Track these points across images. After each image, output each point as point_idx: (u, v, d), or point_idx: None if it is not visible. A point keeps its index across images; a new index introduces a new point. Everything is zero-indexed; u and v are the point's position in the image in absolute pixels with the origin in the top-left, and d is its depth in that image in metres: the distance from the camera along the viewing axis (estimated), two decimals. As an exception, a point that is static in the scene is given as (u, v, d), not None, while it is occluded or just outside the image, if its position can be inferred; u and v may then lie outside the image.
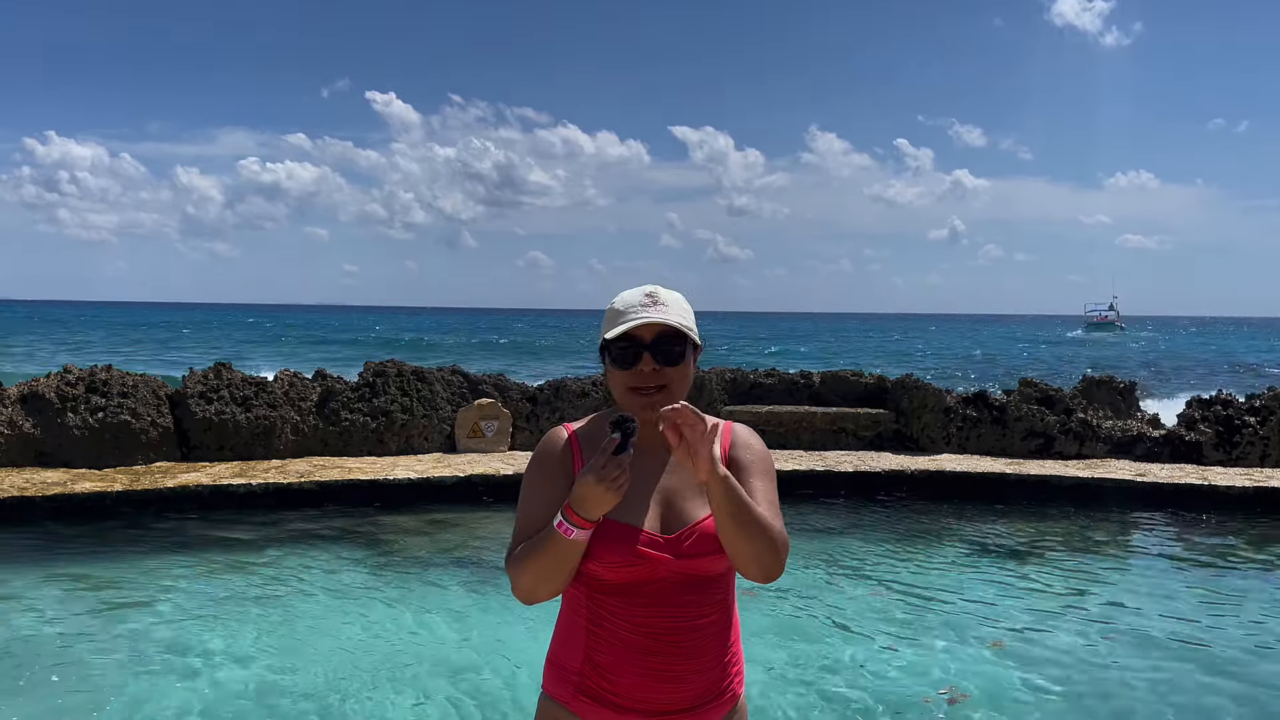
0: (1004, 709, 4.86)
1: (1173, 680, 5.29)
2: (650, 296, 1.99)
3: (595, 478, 1.83)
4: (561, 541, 1.89)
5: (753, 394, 12.73)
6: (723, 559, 2.01)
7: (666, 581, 1.98)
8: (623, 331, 1.96)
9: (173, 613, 6.17)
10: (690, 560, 1.98)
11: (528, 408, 11.76)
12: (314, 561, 7.38)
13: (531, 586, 1.97)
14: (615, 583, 1.98)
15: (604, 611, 2.00)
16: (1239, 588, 7.09)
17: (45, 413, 9.77)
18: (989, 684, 5.17)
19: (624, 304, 2.00)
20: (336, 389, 11.07)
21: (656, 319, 1.96)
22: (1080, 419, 11.44)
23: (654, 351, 1.97)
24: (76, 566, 7.11)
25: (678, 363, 1.99)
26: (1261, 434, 10.98)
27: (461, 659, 5.48)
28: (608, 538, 1.95)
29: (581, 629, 2.03)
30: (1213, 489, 9.66)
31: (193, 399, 10.37)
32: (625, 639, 1.98)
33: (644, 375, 1.98)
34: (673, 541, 1.98)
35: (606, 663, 2.00)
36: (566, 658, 2.07)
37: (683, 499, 2.03)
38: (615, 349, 1.99)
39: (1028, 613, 6.47)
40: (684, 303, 2.04)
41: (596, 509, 1.87)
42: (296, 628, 5.95)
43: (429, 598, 6.60)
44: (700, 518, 2.01)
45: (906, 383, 12.20)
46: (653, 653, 1.98)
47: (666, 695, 1.99)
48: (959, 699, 4.99)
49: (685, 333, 1.98)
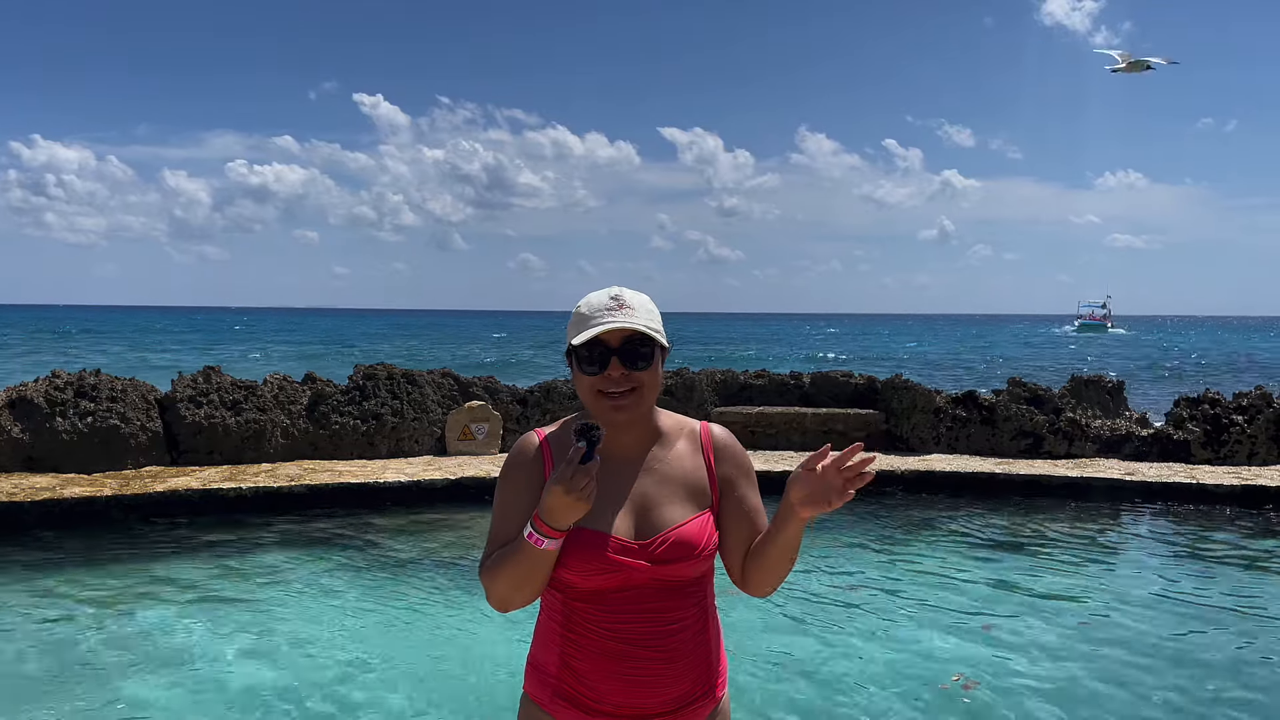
0: (995, 705, 4.88)
1: (1158, 676, 5.31)
2: (616, 300, 1.98)
3: (563, 488, 1.82)
4: (532, 551, 1.89)
5: (743, 395, 12.75)
6: (698, 564, 2.01)
7: (641, 587, 1.98)
8: (590, 337, 1.95)
9: (163, 618, 6.15)
10: (665, 566, 1.98)
11: (518, 410, 11.76)
12: (304, 565, 7.37)
13: (504, 596, 1.97)
14: (589, 590, 1.97)
15: (579, 617, 2.00)
16: (1226, 586, 7.13)
17: (34, 417, 9.74)
18: (981, 679, 5.19)
19: (590, 308, 1.99)
20: (326, 392, 11.05)
21: (623, 324, 1.95)
22: (1069, 418, 11.48)
23: (622, 356, 1.96)
24: (66, 572, 7.09)
25: (646, 366, 1.98)
26: (1249, 432, 11.03)
27: (451, 661, 5.48)
28: (580, 546, 1.94)
29: (557, 634, 2.03)
30: (1201, 487, 9.70)
31: (182, 403, 10.35)
32: (601, 645, 1.98)
33: (613, 380, 1.97)
34: (646, 548, 1.98)
35: (582, 668, 1.99)
36: (544, 660, 2.06)
37: (656, 505, 2.02)
38: (583, 354, 1.98)
39: (1017, 611, 6.49)
40: (650, 304, 2.04)
41: (565, 519, 1.86)
42: (287, 631, 5.94)
43: (420, 601, 6.60)
44: (674, 523, 2.00)
45: (896, 383, 12.23)
46: (629, 658, 1.97)
47: (644, 699, 1.98)
48: (972, 685, 5.05)
49: (653, 336, 1.98)
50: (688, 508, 2.03)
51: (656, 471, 2.05)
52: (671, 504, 2.02)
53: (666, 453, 2.08)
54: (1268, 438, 10.99)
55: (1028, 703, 4.95)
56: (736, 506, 2.09)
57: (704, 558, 2.02)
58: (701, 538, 2.01)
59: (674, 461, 2.07)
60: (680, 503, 2.03)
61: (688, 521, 2.01)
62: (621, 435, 2.03)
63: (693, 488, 2.06)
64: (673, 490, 2.04)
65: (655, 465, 2.06)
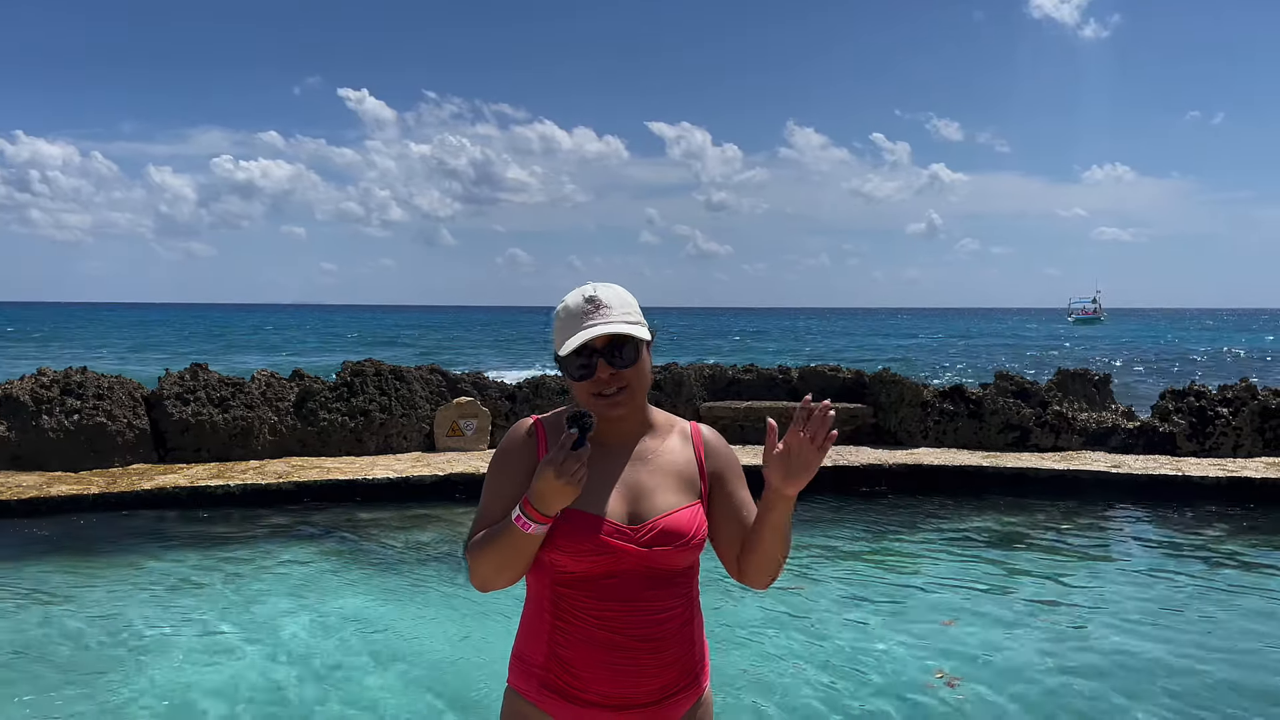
0: (979, 699, 4.91)
1: (1143, 668, 5.35)
2: (592, 302, 2.01)
3: (554, 472, 1.85)
4: (519, 535, 1.92)
5: (731, 389, 12.78)
6: (687, 553, 2.04)
7: (631, 575, 2.00)
8: (575, 347, 1.99)
9: (151, 617, 6.14)
10: (654, 552, 2.00)
11: (507, 406, 11.75)
12: (293, 562, 7.37)
13: (486, 576, 2.00)
14: (579, 574, 2.00)
15: (567, 605, 2.02)
16: (1211, 577, 7.17)
17: (20, 415, 9.69)
18: (968, 673, 5.22)
19: (568, 314, 2.02)
20: (314, 389, 11.03)
21: (604, 330, 1.98)
22: (1056, 411, 11.53)
23: (608, 358, 1.99)
24: (53, 571, 7.07)
25: (633, 362, 2.02)
26: (1234, 424, 11.09)
27: (438, 655, 5.49)
28: (572, 527, 1.97)
29: (545, 623, 2.05)
30: (1186, 479, 9.76)
31: (169, 400, 10.32)
32: (589, 634, 2.00)
33: (602, 382, 2.00)
34: (637, 532, 2.00)
35: (570, 657, 2.01)
36: (530, 652, 2.08)
37: (648, 492, 2.05)
38: (570, 362, 2.01)
39: (1006, 602, 6.53)
40: (626, 297, 2.06)
41: (554, 504, 1.89)
42: (275, 628, 5.94)
43: (408, 597, 6.60)
44: (666, 510, 2.03)
45: (884, 377, 12.26)
46: (617, 647, 1.99)
47: (631, 689, 2.00)
48: (955, 683, 5.07)
49: (637, 336, 2.01)
50: (679, 496, 2.06)
51: (649, 461, 2.09)
52: (663, 492, 2.06)
53: (659, 444, 2.12)
54: (1253, 430, 11.06)
55: (1011, 697, 4.97)
56: (727, 501, 2.12)
57: (693, 546, 2.04)
58: (691, 526, 2.04)
59: (666, 453, 2.11)
60: (672, 491, 2.06)
61: (679, 510, 2.04)
62: (616, 425, 2.07)
63: (684, 478, 2.09)
64: (664, 479, 2.07)
65: (648, 455, 2.10)
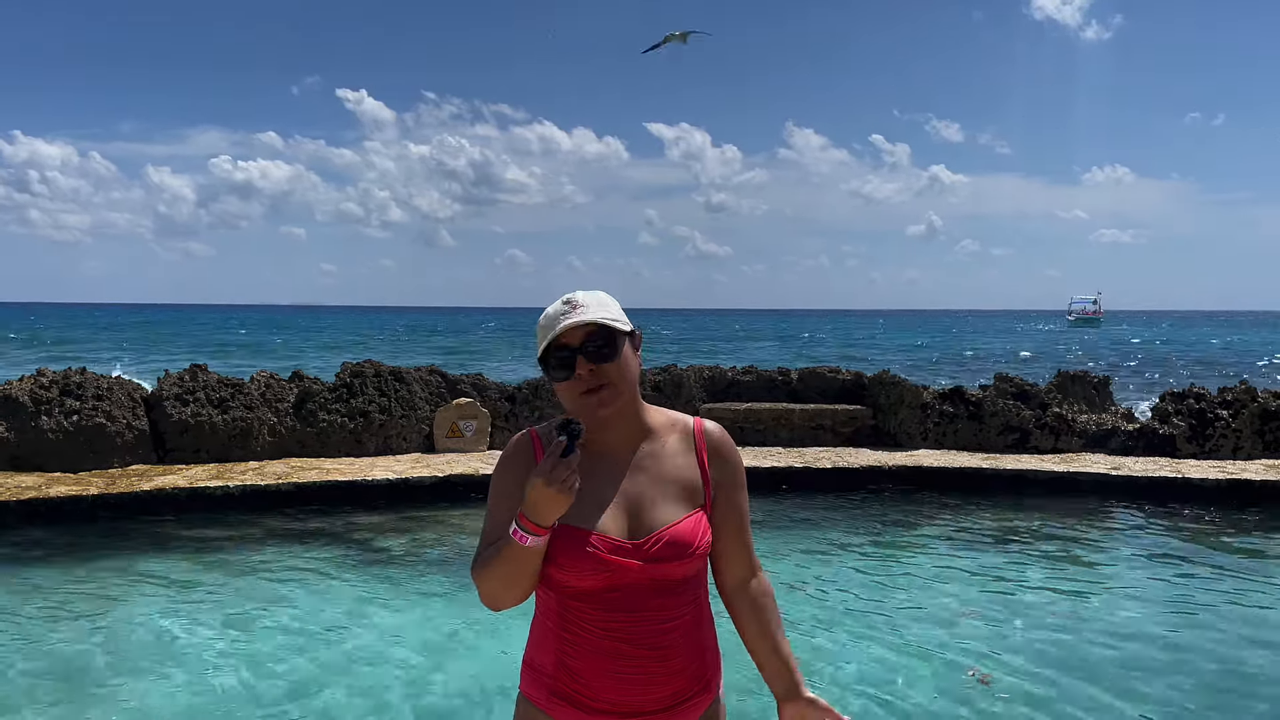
0: (987, 698, 4.91)
1: (1144, 670, 5.35)
2: (569, 303, 2.01)
3: (543, 480, 1.83)
4: (518, 549, 1.90)
5: (730, 391, 12.77)
6: (691, 563, 2.01)
7: (635, 587, 1.98)
8: (549, 343, 1.98)
9: (150, 618, 6.13)
10: (658, 565, 1.98)
11: (506, 407, 11.75)
12: (292, 563, 7.35)
13: (494, 594, 1.98)
14: (584, 589, 1.98)
15: (574, 616, 2.00)
16: (1210, 579, 7.17)
17: (19, 416, 9.68)
18: (969, 672, 5.22)
19: (547, 319, 2.02)
20: (314, 390, 11.02)
21: (577, 321, 1.97)
22: (1055, 413, 11.53)
23: (586, 354, 1.98)
24: (52, 572, 7.05)
25: (612, 358, 1.99)
26: (1234, 427, 11.10)
27: (441, 657, 5.48)
28: (573, 545, 1.95)
29: (553, 633, 2.03)
30: (1186, 482, 9.77)
31: (168, 401, 10.31)
32: (596, 643, 1.98)
33: (583, 379, 1.98)
34: (640, 547, 1.98)
35: (578, 666, 2.00)
36: (540, 659, 2.07)
37: (649, 504, 2.02)
38: (550, 363, 2.00)
39: (1004, 605, 6.53)
40: (605, 298, 2.05)
41: (548, 513, 1.87)
42: (275, 630, 5.93)
43: (409, 599, 6.59)
44: (668, 523, 2.00)
45: (884, 379, 12.26)
46: (624, 656, 1.98)
47: (640, 697, 1.99)
48: (987, 679, 5.09)
49: (610, 326, 1.99)
50: (680, 507, 2.03)
51: (648, 470, 2.05)
52: (664, 503, 2.03)
53: (658, 450, 2.08)
54: (1252, 432, 11.06)
55: (1014, 697, 4.97)
56: (724, 510, 2.10)
57: (697, 556, 2.02)
58: (694, 537, 2.01)
59: (666, 460, 2.07)
60: (673, 502, 2.03)
61: (681, 521, 2.01)
62: (608, 432, 2.04)
63: (685, 486, 2.06)
64: (665, 489, 2.04)
65: (647, 463, 2.06)
